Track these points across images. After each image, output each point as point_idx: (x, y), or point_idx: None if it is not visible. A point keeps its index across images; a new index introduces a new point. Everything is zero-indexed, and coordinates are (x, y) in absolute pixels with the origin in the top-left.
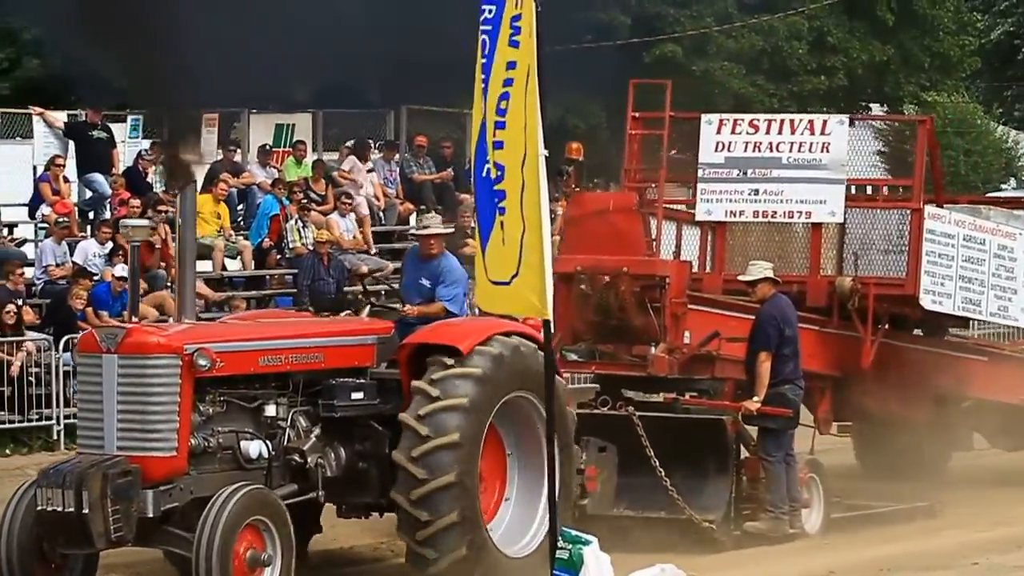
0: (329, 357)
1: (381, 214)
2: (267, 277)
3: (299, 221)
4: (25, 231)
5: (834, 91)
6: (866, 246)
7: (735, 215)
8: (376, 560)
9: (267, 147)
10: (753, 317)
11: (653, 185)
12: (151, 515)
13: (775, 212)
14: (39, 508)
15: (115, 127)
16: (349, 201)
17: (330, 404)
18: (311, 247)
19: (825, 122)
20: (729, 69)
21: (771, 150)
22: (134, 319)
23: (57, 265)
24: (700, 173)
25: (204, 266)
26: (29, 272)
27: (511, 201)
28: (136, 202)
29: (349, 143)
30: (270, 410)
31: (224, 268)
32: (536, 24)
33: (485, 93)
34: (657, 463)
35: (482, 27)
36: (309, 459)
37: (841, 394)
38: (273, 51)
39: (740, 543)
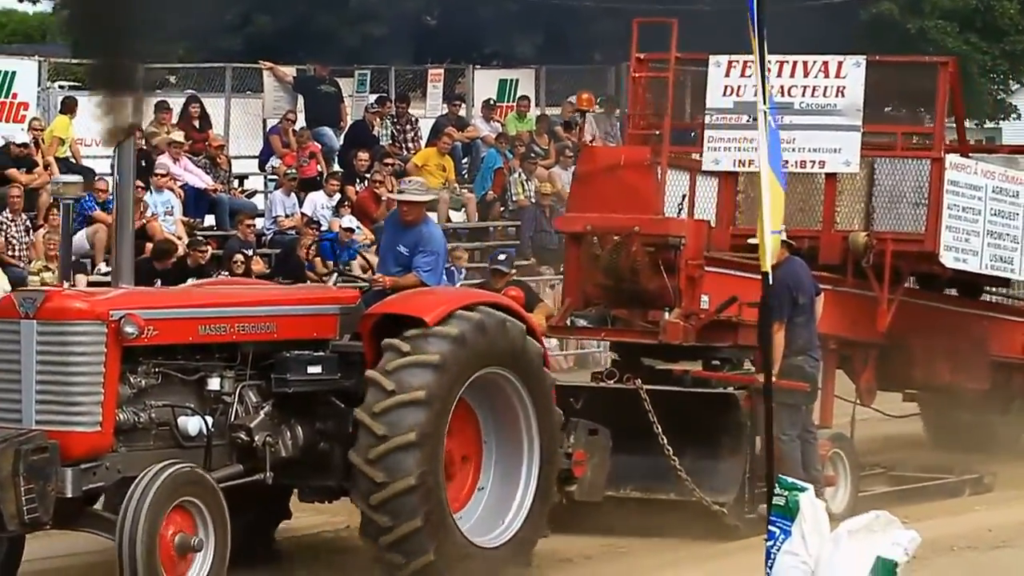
0: (282, 327)
1: None
2: (490, 229)
3: (522, 174)
4: (255, 183)
5: None
6: (895, 198)
7: (744, 164)
8: (344, 549)
9: (491, 102)
10: None
11: (658, 132)
12: (71, 495)
13: (787, 162)
14: None
15: (343, 81)
16: (570, 155)
17: (283, 378)
18: (534, 200)
19: (840, 64)
20: (943, 27)
21: (783, 94)
22: (65, 284)
23: (286, 216)
24: (707, 119)
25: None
26: (259, 223)
27: None
28: (364, 155)
29: (571, 98)
30: (214, 383)
31: (448, 219)
32: None
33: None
34: (665, 441)
35: None
36: (256, 437)
37: (885, 362)
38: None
39: (755, 527)
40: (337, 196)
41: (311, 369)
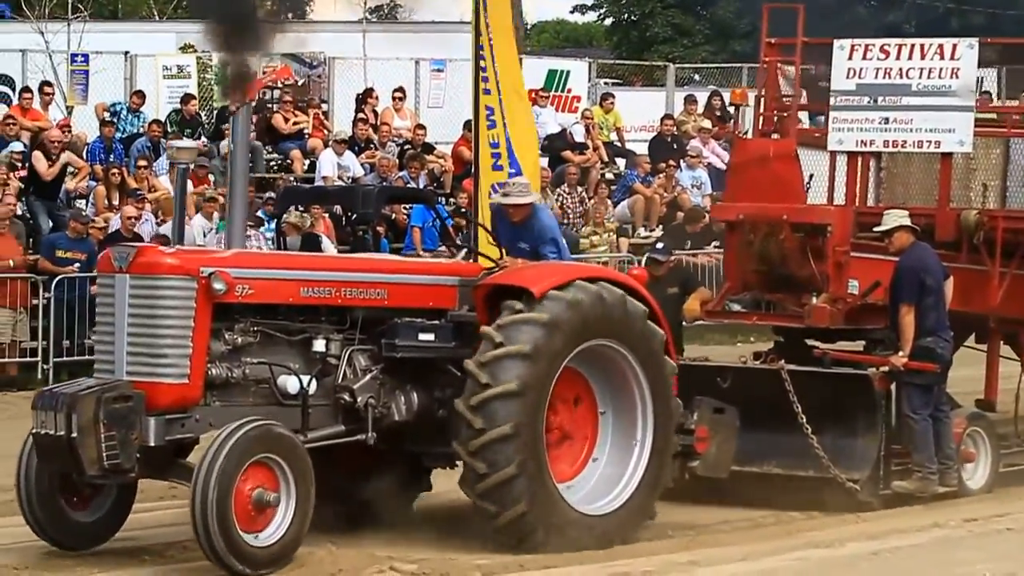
0: (394, 295)
1: None
2: None
3: None
4: None
5: None
6: None
7: (866, 144)
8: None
9: None
10: None
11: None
12: (153, 443)
13: (905, 142)
14: (34, 431)
15: None
16: None
17: (392, 343)
18: None
19: (955, 46)
20: None
21: (901, 76)
22: (179, 247)
23: None
24: (832, 101)
25: None
26: None
27: None
28: None
29: None
30: (319, 345)
31: None
32: None
33: None
34: (804, 420)
35: None
36: (359, 399)
37: None
38: None
39: (888, 503)
40: None
41: (423, 336)
